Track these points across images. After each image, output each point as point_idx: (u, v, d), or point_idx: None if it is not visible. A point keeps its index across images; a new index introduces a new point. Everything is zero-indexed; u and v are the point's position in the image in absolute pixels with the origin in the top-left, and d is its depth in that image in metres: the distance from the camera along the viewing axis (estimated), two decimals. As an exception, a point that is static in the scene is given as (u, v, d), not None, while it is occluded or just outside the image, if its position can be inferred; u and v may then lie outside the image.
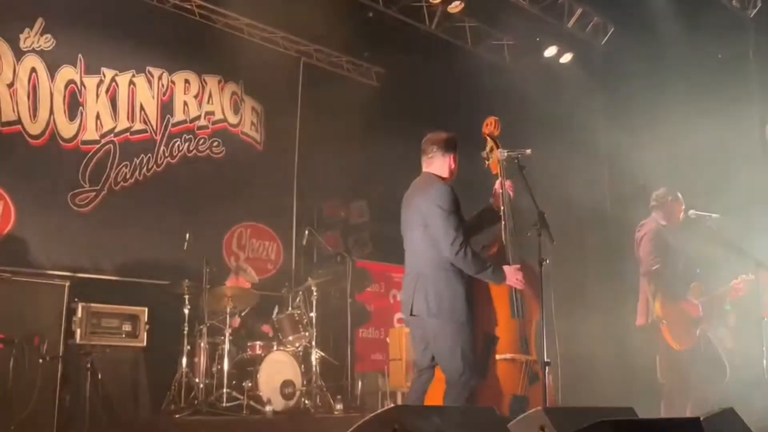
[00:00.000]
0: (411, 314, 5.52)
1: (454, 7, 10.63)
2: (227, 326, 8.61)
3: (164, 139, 10.06)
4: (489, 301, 5.58)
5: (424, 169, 5.85)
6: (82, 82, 9.35)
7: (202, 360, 8.54)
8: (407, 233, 5.73)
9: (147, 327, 8.05)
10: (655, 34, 9.99)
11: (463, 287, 5.44)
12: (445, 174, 5.75)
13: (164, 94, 10.15)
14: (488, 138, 5.90)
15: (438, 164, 5.78)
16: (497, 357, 5.53)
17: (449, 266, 5.44)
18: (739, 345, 7.65)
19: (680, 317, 7.12)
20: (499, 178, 5.77)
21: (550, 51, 11.29)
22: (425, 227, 5.53)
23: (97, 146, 9.42)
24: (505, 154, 5.71)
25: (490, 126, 5.94)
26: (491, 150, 5.85)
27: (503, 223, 5.69)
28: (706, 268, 7.46)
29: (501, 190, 5.72)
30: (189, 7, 10.40)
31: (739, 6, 10.18)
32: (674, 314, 7.10)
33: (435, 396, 5.48)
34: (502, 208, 5.71)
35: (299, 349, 9.01)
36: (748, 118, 9.61)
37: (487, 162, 5.87)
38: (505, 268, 5.51)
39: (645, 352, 7.60)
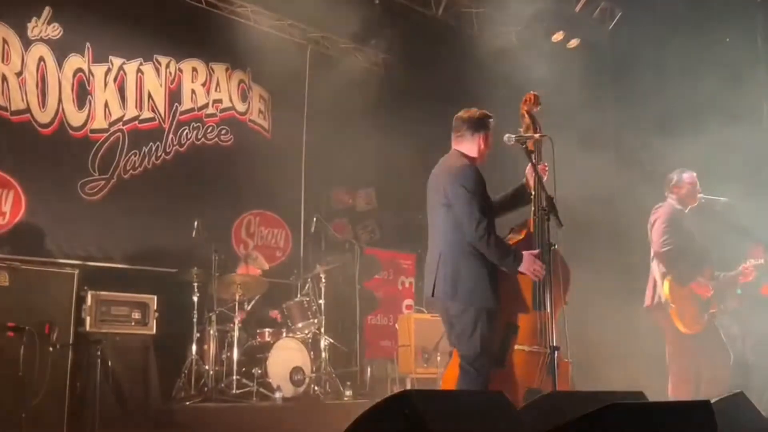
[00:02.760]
0: (432, 296, 5.48)
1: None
2: (236, 314, 8.64)
3: (173, 128, 10.07)
4: (514, 289, 5.46)
5: (453, 146, 5.68)
6: (90, 71, 9.36)
7: (211, 347, 8.58)
8: (431, 212, 5.61)
9: (156, 315, 8.06)
10: (662, 18, 9.96)
11: (486, 271, 5.34)
12: (474, 154, 5.57)
13: (172, 83, 10.16)
14: (526, 115, 5.70)
15: (467, 143, 5.61)
16: (516, 347, 5.45)
17: (471, 249, 5.33)
18: (747, 329, 7.66)
19: (689, 300, 7.11)
20: (533, 159, 5.54)
21: (557, 36, 11.26)
22: (448, 207, 5.40)
23: (106, 135, 9.44)
24: (513, 138, 5.50)
25: (528, 102, 5.74)
26: (527, 128, 5.65)
27: (533, 207, 5.52)
28: (716, 252, 7.46)
29: (533, 173, 5.52)
30: (195, -6, 10.40)
31: (747, -11, 10.14)
32: (683, 297, 7.10)
33: (450, 379, 5.46)
34: (532, 192, 5.54)
35: (308, 336, 9.05)
36: (755, 102, 9.59)
37: (529, 140, 5.57)
38: (525, 255, 5.34)
39: (655, 337, 7.60)
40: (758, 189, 8.63)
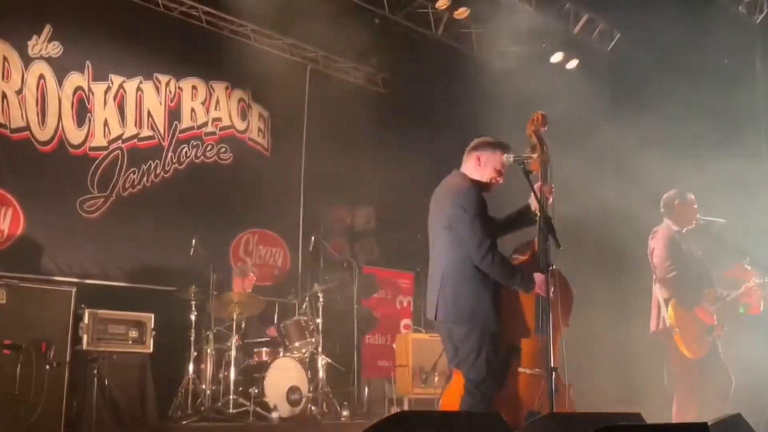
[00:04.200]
0: (435, 318, 5.45)
1: (460, 14, 10.66)
2: (234, 333, 8.62)
3: (172, 146, 10.07)
4: (516, 311, 5.42)
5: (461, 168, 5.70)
6: (90, 89, 9.37)
7: (208, 366, 8.56)
8: (432, 232, 5.59)
9: (153, 333, 8.06)
10: (661, 40, 10.00)
11: (488, 293, 5.32)
12: (472, 174, 5.56)
13: (172, 101, 10.17)
14: (533, 135, 5.64)
15: (466, 163, 5.63)
16: (519, 370, 5.42)
17: (473, 271, 5.31)
18: (745, 350, 7.62)
19: (693, 324, 7.07)
20: (531, 180, 5.46)
21: (556, 57, 11.30)
22: (450, 229, 5.39)
23: (105, 152, 9.43)
24: (511, 158, 5.48)
25: (536, 122, 5.68)
26: (534, 149, 5.60)
27: (538, 228, 5.42)
28: (714, 273, 7.43)
29: (538, 194, 5.45)
30: (196, 14, 10.42)
31: (746, 12, 10.19)
32: (687, 321, 7.06)
33: (451, 401, 5.43)
34: (537, 214, 5.45)
35: (306, 355, 9.02)
36: (754, 124, 9.61)
37: (528, 160, 5.54)
38: (536, 275, 5.31)
39: (654, 359, 7.58)
40: (755, 211, 8.64)
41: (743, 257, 7.35)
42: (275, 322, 9.36)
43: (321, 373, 9.05)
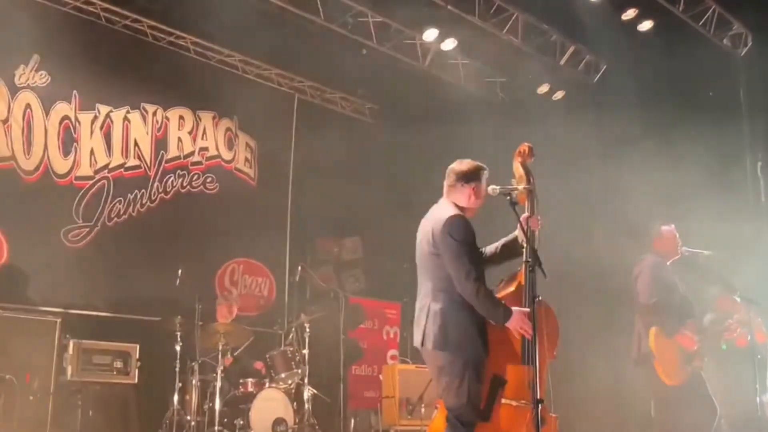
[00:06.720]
0: (422, 345, 5.42)
1: (447, 45, 10.70)
2: (219, 363, 8.56)
3: (158, 175, 10.06)
4: (503, 341, 5.35)
5: (444, 196, 5.63)
6: (76, 118, 9.37)
7: (193, 397, 8.47)
8: (420, 261, 5.54)
9: (138, 364, 8.02)
10: (646, 72, 10.07)
11: (475, 322, 5.27)
12: (463, 204, 5.51)
13: (158, 130, 10.17)
14: (520, 166, 5.62)
15: (457, 194, 5.54)
16: (503, 401, 5.33)
17: (460, 299, 5.26)
18: (731, 382, 7.61)
19: (673, 352, 7.06)
20: (517, 211, 5.42)
21: (543, 88, 11.35)
22: (437, 256, 5.34)
23: (91, 182, 9.42)
24: (498, 190, 5.51)
25: (522, 154, 5.66)
26: (520, 180, 5.57)
27: (523, 260, 5.41)
28: (698, 305, 7.44)
29: (525, 225, 5.41)
30: (184, 43, 10.46)
31: (730, 45, 10.29)
32: (667, 349, 7.05)
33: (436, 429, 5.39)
34: (524, 246, 5.43)
35: (292, 386, 8.96)
36: (739, 156, 9.67)
37: (515, 192, 5.50)
38: (514, 311, 5.26)
39: (639, 388, 7.57)
40: (741, 242, 8.67)
41: (730, 290, 7.36)
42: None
43: (307, 405, 8.98)
